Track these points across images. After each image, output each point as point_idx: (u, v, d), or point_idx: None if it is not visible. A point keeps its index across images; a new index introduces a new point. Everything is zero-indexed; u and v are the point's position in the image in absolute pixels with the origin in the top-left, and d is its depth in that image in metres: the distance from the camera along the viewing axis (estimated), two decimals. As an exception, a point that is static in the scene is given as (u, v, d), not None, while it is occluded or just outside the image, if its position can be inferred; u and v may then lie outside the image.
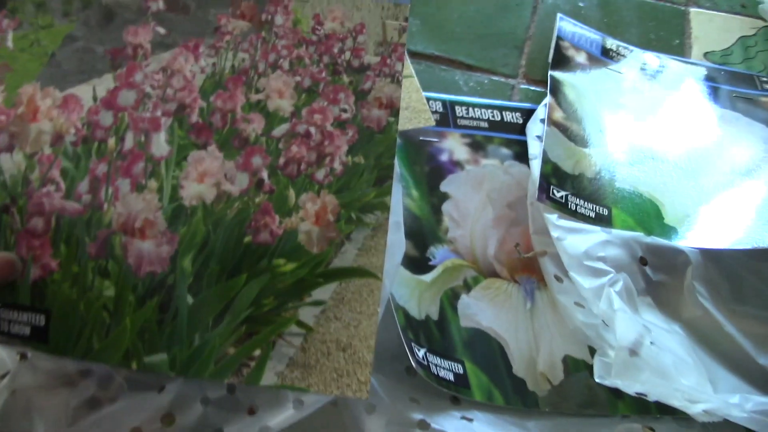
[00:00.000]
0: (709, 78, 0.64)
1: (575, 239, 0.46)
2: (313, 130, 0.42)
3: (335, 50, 0.46)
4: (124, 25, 0.42)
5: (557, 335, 0.48)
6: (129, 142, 0.41)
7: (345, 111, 0.43)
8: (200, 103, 0.43)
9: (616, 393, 0.45)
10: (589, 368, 0.47)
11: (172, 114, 0.42)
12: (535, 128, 0.55)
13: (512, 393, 0.45)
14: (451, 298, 0.48)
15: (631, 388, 0.39)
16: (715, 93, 0.63)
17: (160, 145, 0.41)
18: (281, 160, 0.43)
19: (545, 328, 0.49)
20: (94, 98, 0.42)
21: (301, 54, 0.45)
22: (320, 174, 0.43)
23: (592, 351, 0.48)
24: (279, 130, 0.43)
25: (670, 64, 0.64)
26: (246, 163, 0.42)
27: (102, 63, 0.42)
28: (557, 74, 0.59)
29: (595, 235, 0.47)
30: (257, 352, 0.38)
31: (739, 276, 0.48)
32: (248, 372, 0.38)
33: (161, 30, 0.44)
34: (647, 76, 0.63)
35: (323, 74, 0.45)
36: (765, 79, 0.65)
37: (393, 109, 0.45)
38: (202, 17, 0.44)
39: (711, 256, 0.47)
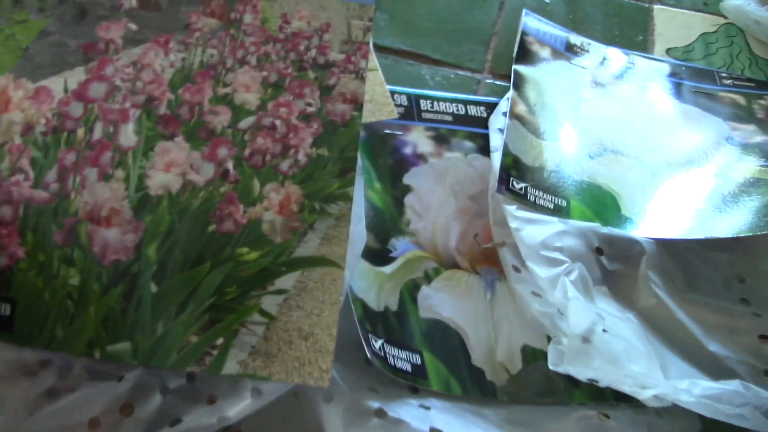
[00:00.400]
0: (671, 74, 0.65)
1: (533, 230, 0.47)
2: (278, 122, 0.44)
3: (301, 48, 0.47)
4: (97, 21, 0.43)
5: (516, 325, 0.49)
6: (98, 132, 0.42)
7: (310, 105, 0.44)
8: (168, 96, 0.43)
9: (573, 381, 0.45)
10: (547, 357, 0.48)
11: (141, 106, 0.43)
12: (497, 121, 0.55)
13: (470, 383, 0.46)
14: (411, 290, 0.49)
15: (582, 374, 0.40)
16: (676, 88, 0.64)
17: (128, 135, 0.42)
18: (247, 152, 0.44)
19: (505, 319, 0.49)
20: (65, 90, 0.43)
21: (268, 50, 0.46)
22: (285, 165, 0.44)
23: (550, 340, 0.49)
24: (245, 123, 0.44)
25: (634, 60, 0.65)
26: (212, 154, 0.43)
27: (74, 57, 0.43)
28: (521, 68, 0.60)
29: (552, 225, 0.47)
30: (220, 341, 0.39)
31: (692, 265, 0.49)
32: (210, 360, 0.38)
33: (133, 26, 0.45)
34: (609, 71, 0.64)
35: (289, 70, 0.46)
36: (724, 74, 0.66)
37: (357, 104, 0.46)
38: (173, 14, 0.45)
39: (665, 245, 0.48)
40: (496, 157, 0.52)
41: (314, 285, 0.42)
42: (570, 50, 0.65)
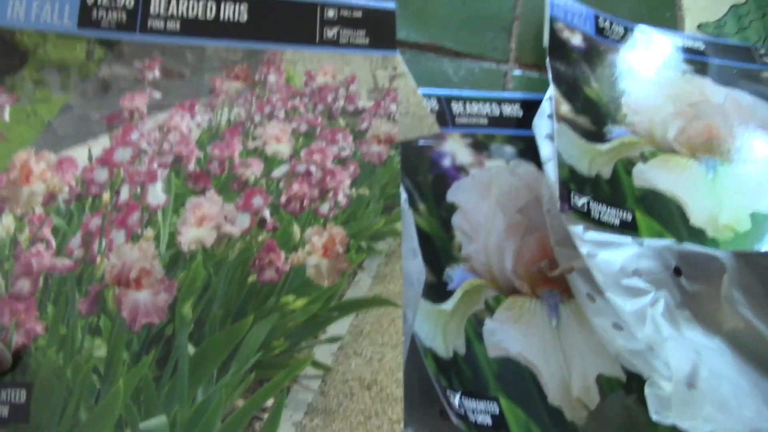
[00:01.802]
0: (708, 53, 0.61)
1: (607, 255, 0.43)
2: (313, 168, 0.41)
3: (329, 99, 0.44)
4: (121, 92, 0.41)
5: (588, 353, 0.45)
6: (125, 194, 0.39)
7: (344, 149, 0.42)
8: (197, 154, 0.41)
9: (653, 410, 0.42)
10: (624, 387, 0.45)
11: (169, 166, 0.40)
12: (543, 126, 0.51)
13: (551, 427, 0.42)
14: (475, 326, 0.45)
15: (697, 429, 0.37)
16: (714, 70, 0.60)
17: (157, 194, 0.40)
18: (283, 199, 0.41)
19: (574, 347, 0.46)
20: (90, 158, 0.40)
21: (296, 105, 0.43)
22: (324, 208, 0.41)
23: (624, 366, 0.45)
24: (278, 171, 0.41)
25: (666, 40, 0.61)
26: (246, 204, 0.40)
27: (98, 127, 0.41)
28: (557, 63, 0.55)
29: (628, 248, 0.43)
30: (270, 402, 0.36)
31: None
32: (261, 426, 0.35)
33: (157, 94, 0.42)
34: (644, 56, 0.59)
35: (319, 120, 0.43)
36: (762, 51, 0.63)
37: (392, 143, 0.43)
38: (198, 81, 0.42)
39: (744, 259, 0.44)
40: (551, 169, 0.47)
41: (371, 328, 0.39)
42: (601, 34, 0.60)
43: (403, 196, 0.42)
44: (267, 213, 0.40)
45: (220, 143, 0.42)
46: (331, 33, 0.46)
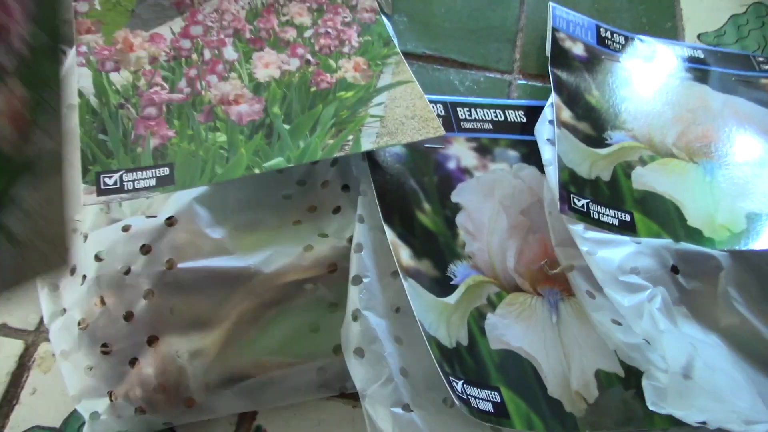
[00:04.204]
0: (706, 62, 0.63)
1: (606, 253, 0.44)
2: (330, 29, 0.57)
3: None
4: None
5: (587, 349, 0.47)
6: (207, 55, 0.53)
7: (345, 17, 0.58)
8: (248, 27, 0.56)
9: (652, 405, 0.43)
10: (622, 381, 0.46)
11: (231, 35, 0.55)
12: (544, 131, 0.52)
13: (550, 417, 0.43)
14: (477, 320, 0.46)
15: (691, 418, 0.38)
16: (714, 77, 0.61)
17: (230, 53, 0.54)
18: (316, 47, 0.55)
19: (574, 342, 0.47)
20: (173, 33, 0.54)
21: None
22: (345, 49, 0.56)
23: (622, 361, 0.46)
24: (307, 33, 0.56)
25: (667, 49, 0.63)
26: (293, 53, 0.55)
27: (171, 11, 0.56)
28: (558, 71, 0.57)
29: (626, 246, 0.45)
30: (350, 137, 0.48)
31: (764, 273, 0.47)
32: (350, 146, 0.48)
33: None
34: (645, 64, 0.61)
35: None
36: (761, 59, 0.64)
37: (375, 12, 0.59)
38: None
39: (740, 257, 0.46)
40: (552, 172, 0.49)
41: (399, 95, 0.52)
42: (602, 44, 0.62)
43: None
44: (309, 56, 0.54)
45: (262, 19, 0.57)
46: None
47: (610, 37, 0.63)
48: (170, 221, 0.46)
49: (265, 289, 0.45)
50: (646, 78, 0.59)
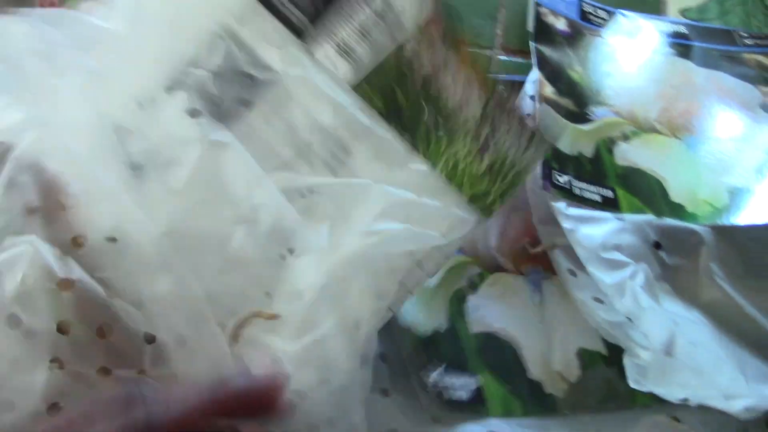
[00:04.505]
0: (689, 37, 0.62)
1: (589, 229, 0.43)
2: None
3: None
4: None
5: (569, 328, 0.46)
6: None
7: None
8: None
9: (635, 382, 0.43)
10: (605, 359, 0.46)
11: None
12: (525, 107, 0.51)
13: (530, 400, 0.43)
14: (457, 302, 0.46)
15: (672, 395, 0.38)
16: (697, 53, 0.61)
17: None
18: None
19: (556, 322, 0.47)
20: None
21: None
22: None
23: (605, 340, 0.46)
24: None
25: (649, 25, 0.62)
26: None
27: None
28: (540, 46, 0.56)
29: (609, 223, 0.44)
30: None
31: (747, 248, 0.47)
32: None
33: None
34: (628, 39, 0.60)
35: None
36: (744, 34, 0.63)
37: None
38: None
39: (722, 232, 0.45)
40: (533, 149, 0.48)
41: None
42: (585, 18, 0.61)
43: None
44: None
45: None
46: None
47: (593, 11, 0.62)
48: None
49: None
50: (629, 53, 0.59)
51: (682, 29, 0.63)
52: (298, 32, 0.41)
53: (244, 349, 0.35)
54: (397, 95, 0.41)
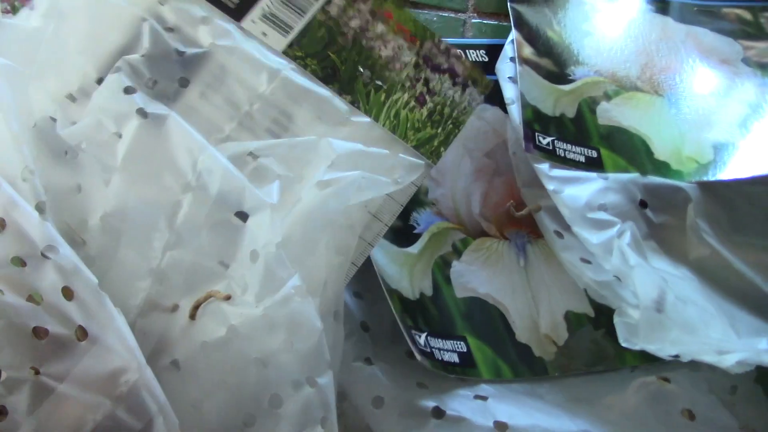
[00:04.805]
0: (668, -8, 0.61)
1: (573, 190, 0.43)
2: None
3: None
4: None
5: (555, 291, 0.46)
6: None
7: None
8: None
9: (623, 344, 0.42)
10: (592, 321, 0.45)
11: None
12: (506, 69, 0.50)
13: (519, 363, 0.43)
14: (442, 268, 0.45)
15: (664, 351, 0.37)
16: (675, 8, 0.59)
17: None
18: None
19: (542, 285, 0.46)
20: None
21: None
22: None
23: (592, 301, 0.46)
24: None
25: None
26: None
27: None
28: (517, 6, 0.54)
29: (593, 182, 0.43)
30: None
31: (733, 204, 0.46)
32: None
33: None
34: (606, -3, 0.59)
35: None
36: (722, -12, 0.62)
37: None
38: None
39: (708, 188, 0.45)
40: (515, 110, 0.47)
41: None
42: (561, -24, 0.60)
43: None
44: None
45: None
46: None
47: (568, -31, 0.61)
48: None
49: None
50: (606, 11, 0.57)
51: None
52: (221, 5, 0.40)
53: (202, 321, 0.34)
54: (330, 54, 0.41)
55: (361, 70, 0.42)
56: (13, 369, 0.30)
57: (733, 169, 0.46)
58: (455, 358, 0.41)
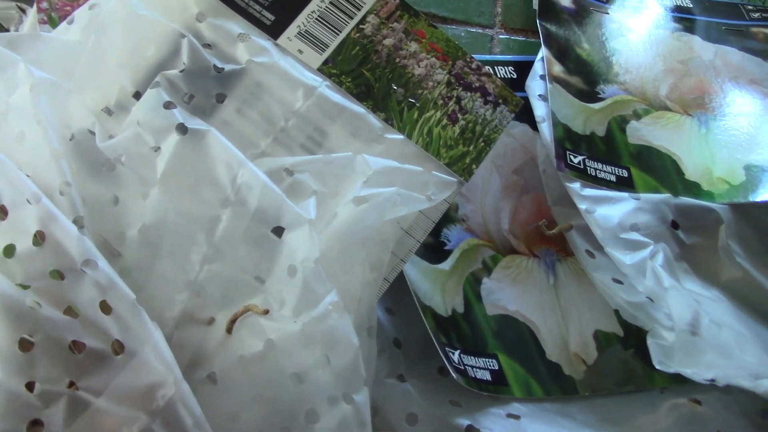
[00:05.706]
0: (695, 11, 0.61)
1: (606, 210, 0.43)
2: None
3: None
4: None
5: (585, 309, 0.46)
6: None
7: None
8: None
9: (652, 364, 0.42)
10: (621, 341, 0.45)
11: None
12: (536, 86, 0.50)
13: (549, 381, 0.43)
14: (473, 285, 0.45)
15: (699, 375, 0.37)
16: (702, 27, 0.60)
17: None
18: None
19: (572, 304, 0.46)
20: None
21: None
22: None
23: (621, 321, 0.46)
24: None
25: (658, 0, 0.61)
26: None
27: None
28: (547, 24, 0.54)
29: (625, 203, 0.43)
30: None
31: (765, 225, 0.46)
32: None
33: None
34: (633, 15, 0.59)
35: None
36: (751, 7, 0.62)
37: None
38: None
39: (740, 210, 0.45)
40: (546, 128, 0.47)
41: None
42: (589, -6, 0.60)
43: None
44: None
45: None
46: None
47: (596, -14, 0.61)
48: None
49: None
50: (635, 29, 0.57)
51: (686, 3, 0.62)
52: (258, 23, 0.41)
53: (239, 334, 0.35)
54: (364, 72, 0.41)
55: (395, 87, 0.42)
56: (50, 382, 0.30)
57: (765, 190, 0.46)
58: (487, 376, 0.41)
